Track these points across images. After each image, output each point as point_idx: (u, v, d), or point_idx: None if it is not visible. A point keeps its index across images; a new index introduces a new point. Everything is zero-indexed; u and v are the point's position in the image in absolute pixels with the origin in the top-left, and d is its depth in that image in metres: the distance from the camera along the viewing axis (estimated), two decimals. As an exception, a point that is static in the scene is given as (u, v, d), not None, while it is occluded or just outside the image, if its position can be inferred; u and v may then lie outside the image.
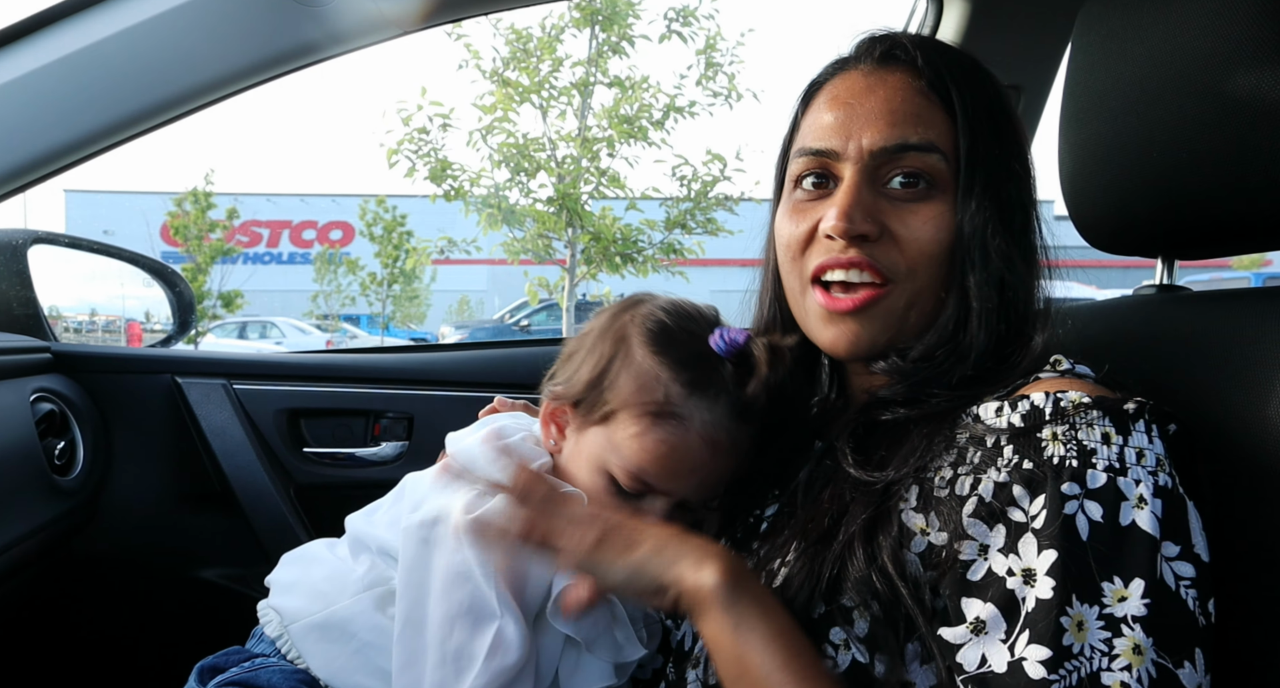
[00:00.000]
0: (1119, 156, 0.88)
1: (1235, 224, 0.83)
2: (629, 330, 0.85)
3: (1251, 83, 0.75)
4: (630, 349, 0.84)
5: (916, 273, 0.78)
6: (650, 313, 0.86)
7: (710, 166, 8.60)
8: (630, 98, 8.67)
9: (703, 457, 0.82)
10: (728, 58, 8.73)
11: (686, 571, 0.70)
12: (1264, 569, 0.71)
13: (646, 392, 0.82)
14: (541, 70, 8.41)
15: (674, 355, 0.82)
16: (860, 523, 0.72)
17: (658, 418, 0.81)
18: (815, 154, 0.81)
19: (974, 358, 0.77)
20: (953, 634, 0.65)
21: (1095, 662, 0.60)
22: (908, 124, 0.78)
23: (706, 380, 0.82)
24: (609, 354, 0.85)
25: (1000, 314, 0.78)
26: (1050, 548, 0.63)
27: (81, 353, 1.39)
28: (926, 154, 0.78)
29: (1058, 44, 1.36)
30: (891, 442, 0.76)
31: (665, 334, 0.84)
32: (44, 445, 1.19)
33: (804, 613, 0.72)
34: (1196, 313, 0.87)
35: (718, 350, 0.82)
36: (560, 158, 8.80)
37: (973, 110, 0.79)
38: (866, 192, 0.78)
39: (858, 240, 0.78)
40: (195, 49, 1.08)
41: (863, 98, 0.80)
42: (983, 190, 0.78)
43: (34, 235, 1.49)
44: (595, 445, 0.85)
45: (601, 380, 0.85)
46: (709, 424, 0.81)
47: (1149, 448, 0.66)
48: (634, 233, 8.69)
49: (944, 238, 0.78)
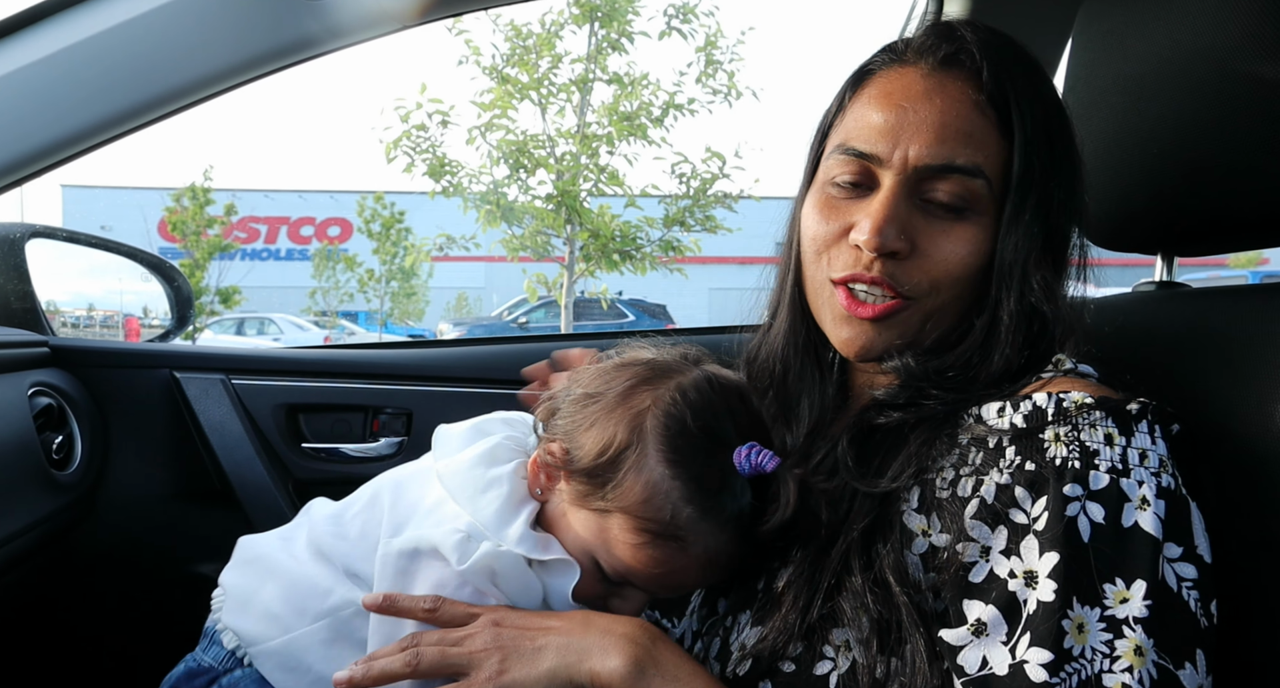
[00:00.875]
0: (1119, 153, 0.88)
1: (1236, 221, 0.83)
2: (647, 422, 0.76)
3: (1253, 79, 0.74)
4: (645, 449, 0.76)
5: (940, 292, 0.76)
6: (674, 403, 0.77)
7: (709, 164, 8.59)
8: (630, 95, 8.66)
9: (698, 576, 0.79)
10: (728, 55, 8.72)
11: (595, 662, 0.71)
12: (1266, 568, 0.71)
13: (653, 507, 0.75)
14: (541, 67, 8.40)
15: (691, 472, 0.75)
16: (858, 532, 0.72)
17: (659, 537, 0.76)
18: (858, 156, 0.77)
19: (990, 377, 0.75)
20: (953, 636, 0.65)
21: (1097, 664, 0.60)
22: (958, 142, 0.74)
23: (721, 508, 0.75)
24: (622, 443, 0.77)
25: (1028, 340, 0.75)
26: (1052, 550, 0.63)
27: (79, 347, 1.39)
28: (972, 178, 0.74)
29: (1058, 41, 1.36)
30: (890, 447, 0.75)
31: (686, 440, 0.75)
32: (42, 440, 1.18)
33: (804, 615, 0.72)
34: (1196, 309, 0.87)
35: (741, 471, 0.75)
36: (559, 155, 8.79)
37: (1032, 132, 0.75)
38: (903, 205, 0.75)
39: (887, 257, 0.75)
40: (193, 43, 1.08)
41: (918, 103, 0.75)
42: (1031, 217, 0.75)
43: (31, 229, 1.48)
44: (587, 531, 0.79)
45: (607, 471, 0.77)
46: (712, 549, 0.76)
47: (1152, 449, 0.66)
48: (633, 230, 8.68)
49: (973, 261, 0.76)
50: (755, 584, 0.80)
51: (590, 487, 0.78)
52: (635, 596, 0.81)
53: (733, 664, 0.76)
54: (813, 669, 0.72)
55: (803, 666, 0.72)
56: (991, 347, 0.75)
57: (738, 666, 0.75)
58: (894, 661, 0.68)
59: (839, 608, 0.71)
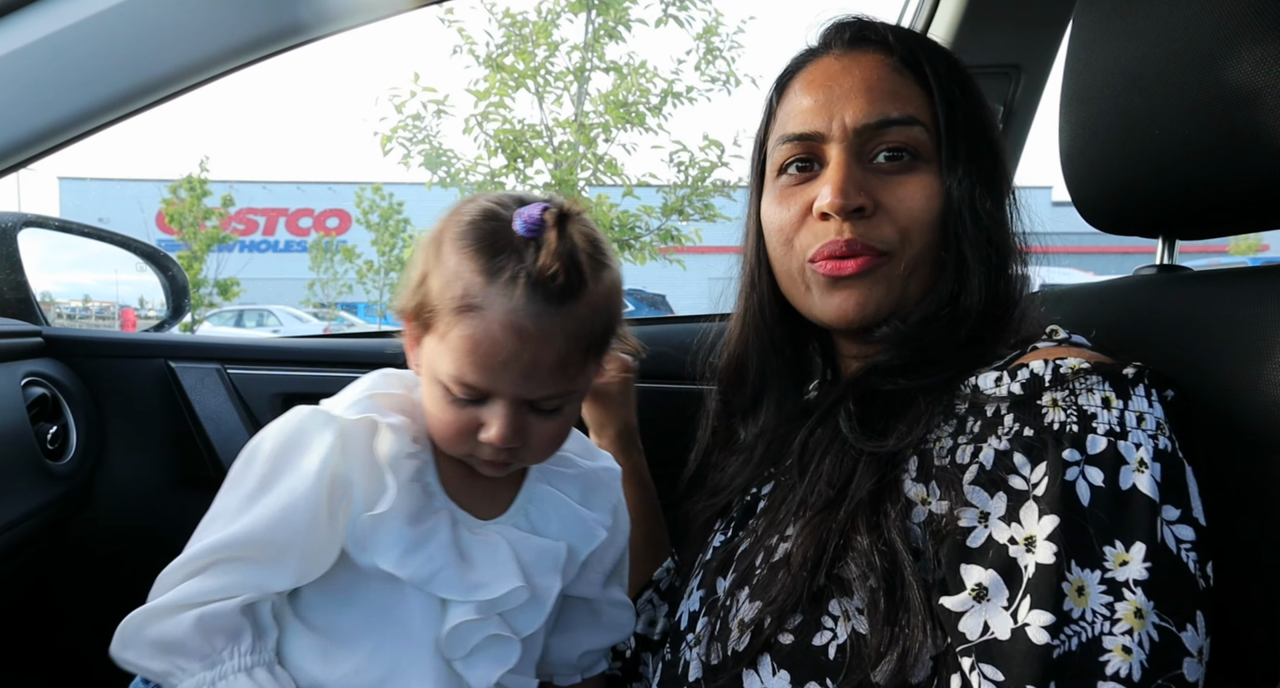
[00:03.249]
0: (1120, 135, 0.87)
1: (1238, 203, 0.82)
2: (445, 232, 0.83)
3: (1256, 58, 0.73)
4: (441, 249, 0.82)
5: (911, 241, 0.80)
6: (465, 210, 0.83)
7: (708, 152, 8.57)
8: (627, 83, 8.62)
9: (512, 347, 0.78)
10: (727, 43, 8.68)
11: None
12: (1259, 544, 0.71)
13: (449, 289, 0.79)
14: (537, 56, 8.36)
15: (474, 247, 0.79)
16: (866, 492, 0.72)
17: (459, 314, 0.78)
18: (798, 139, 0.82)
19: (974, 317, 0.78)
20: (954, 602, 0.65)
21: (1097, 626, 0.60)
22: (886, 100, 0.80)
23: (502, 266, 0.78)
24: (425, 259, 0.83)
25: (997, 271, 0.80)
26: (1051, 514, 0.63)
27: (74, 337, 1.38)
28: (909, 127, 0.80)
29: (1058, 20, 1.35)
30: (893, 411, 0.76)
31: (470, 227, 0.81)
32: (36, 430, 1.18)
33: (811, 579, 0.72)
34: (1197, 292, 0.86)
35: (522, 233, 0.78)
36: (557, 144, 8.76)
37: (946, 83, 0.82)
38: (855, 168, 0.80)
39: (853, 216, 0.79)
40: (184, 27, 1.07)
41: (839, 78, 0.82)
42: (966, 157, 0.80)
43: (24, 218, 1.47)
44: (427, 357, 0.84)
45: (420, 288, 0.83)
46: (509, 311, 0.77)
47: (1149, 412, 0.66)
48: (631, 219, 8.66)
49: (934, 205, 0.80)
50: (754, 561, 0.80)
51: (415, 312, 0.83)
52: (495, 408, 0.81)
53: (732, 642, 0.76)
54: (811, 640, 0.72)
55: (801, 637, 0.72)
56: (965, 280, 0.80)
57: (737, 642, 0.75)
58: (894, 628, 0.68)
59: (845, 572, 0.71)
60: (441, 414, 0.84)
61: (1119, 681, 0.59)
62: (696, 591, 0.89)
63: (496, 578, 0.85)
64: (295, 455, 0.83)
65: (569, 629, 1.00)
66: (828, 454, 0.78)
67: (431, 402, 0.85)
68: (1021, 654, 0.61)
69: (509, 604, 0.86)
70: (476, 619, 0.85)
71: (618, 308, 0.87)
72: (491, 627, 0.86)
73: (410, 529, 0.83)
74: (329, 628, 0.85)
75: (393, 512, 0.83)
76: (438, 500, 0.88)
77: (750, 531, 0.84)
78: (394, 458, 0.84)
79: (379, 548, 0.82)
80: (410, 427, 0.88)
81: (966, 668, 0.64)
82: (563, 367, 0.81)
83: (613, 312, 0.86)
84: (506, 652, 0.87)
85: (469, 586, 0.84)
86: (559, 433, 0.87)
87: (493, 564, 0.86)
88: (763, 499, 0.87)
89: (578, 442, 1.01)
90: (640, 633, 1.08)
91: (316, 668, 0.84)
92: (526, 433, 0.83)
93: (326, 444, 0.82)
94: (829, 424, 0.80)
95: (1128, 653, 0.59)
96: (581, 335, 0.81)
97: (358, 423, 0.84)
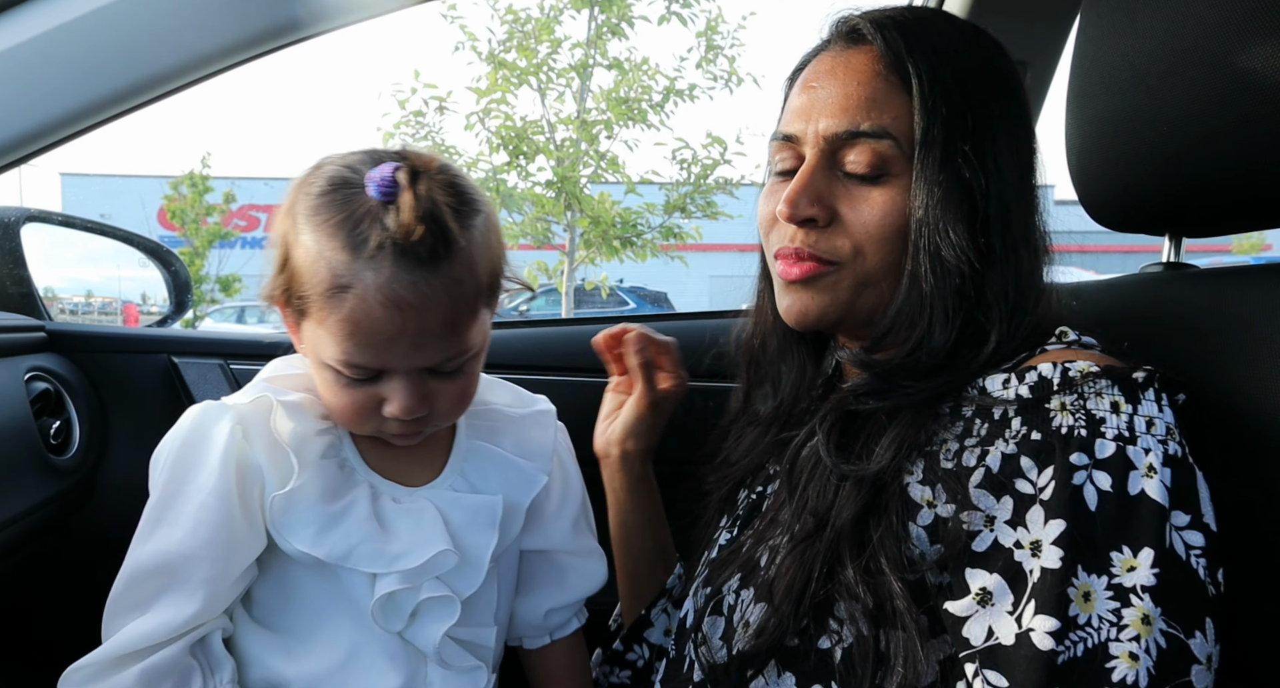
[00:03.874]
0: (1127, 132, 0.86)
1: (1246, 200, 0.82)
2: (297, 205, 0.78)
3: (1265, 54, 0.73)
4: (298, 227, 0.77)
5: (863, 256, 0.78)
6: (313, 179, 0.78)
7: (710, 150, 8.55)
8: (629, 80, 8.60)
9: (394, 321, 0.74)
10: (729, 41, 8.66)
11: None
12: (1267, 545, 0.70)
13: (314, 273, 0.75)
14: (540, 52, 8.34)
15: (331, 221, 0.74)
16: (848, 518, 0.71)
17: (331, 298, 0.74)
18: (783, 139, 0.83)
19: (932, 349, 0.74)
20: (958, 607, 0.65)
21: (1103, 632, 0.60)
22: (861, 110, 0.78)
23: (364, 238, 0.73)
24: (283, 240, 0.79)
25: (957, 302, 0.75)
26: (1058, 518, 0.63)
27: (77, 332, 1.38)
28: (877, 141, 0.78)
29: (1065, 17, 1.34)
30: (871, 431, 0.75)
31: (321, 199, 0.76)
32: (39, 425, 1.18)
33: (798, 604, 0.72)
34: (1204, 290, 0.86)
35: (377, 197, 0.74)
36: (559, 141, 8.74)
37: (930, 90, 0.76)
38: (821, 176, 0.79)
39: (805, 224, 0.79)
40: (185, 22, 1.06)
41: (825, 81, 0.81)
42: (935, 171, 0.75)
43: (26, 213, 1.47)
44: (309, 343, 0.80)
45: (284, 273, 0.78)
46: (383, 285, 0.73)
47: (1159, 416, 0.65)
48: (633, 216, 8.65)
49: (891, 222, 0.77)
50: (758, 561, 0.79)
51: (285, 299, 0.80)
52: (393, 384, 0.79)
53: (738, 644, 0.76)
54: (817, 644, 0.71)
55: (806, 642, 0.72)
56: (920, 307, 0.75)
57: (744, 644, 0.75)
58: (893, 636, 0.67)
59: (832, 595, 0.71)
60: (338, 398, 0.81)
61: (1125, 687, 0.58)
62: (702, 588, 0.89)
63: (419, 545, 0.82)
64: (197, 453, 0.80)
65: (531, 589, 0.98)
66: (812, 479, 0.77)
67: (325, 386, 0.82)
68: (1026, 660, 0.60)
69: (438, 569, 0.84)
70: (406, 588, 0.83)
71: (498, 251, 0.84)
72: (426, 592, 0.84)
73: (325, 507, 0.81)
74: (285, 626, 0.85)
75: (305, 491, 0.81)
76: (358, 474, 0.86)
77: (754, 530, 0.83)
78: (298, 437, 0.82)
79: (293, 529, 0.80)
80: (315, 404, 0.86)
81: (970, 674, 0.63)
82: (452, 328, 0.78)
83: (493, 258, 0.82)
84: (448, 611, 0.85)
85: (390, 557, 0.82)
86: (465, 391, 0.85)
87: (416, 532, 0.83)
88: (767, 497, 0.87)
89: (506, 392, 0.99)
90: (655, 643, 1.07)
91: (284, 667, 0.84)
92: (431, 399, 0.81)
93: (225, 434, 0.80)
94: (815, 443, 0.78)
95: (1134, 660, 0.59)
96: (465, 293, 0.78)
97: (254, 407, 0.82)
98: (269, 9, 1.08)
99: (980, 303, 0.75)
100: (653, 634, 1.08)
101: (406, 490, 0.87)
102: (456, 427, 0.93)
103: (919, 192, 0.76)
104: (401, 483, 0.87)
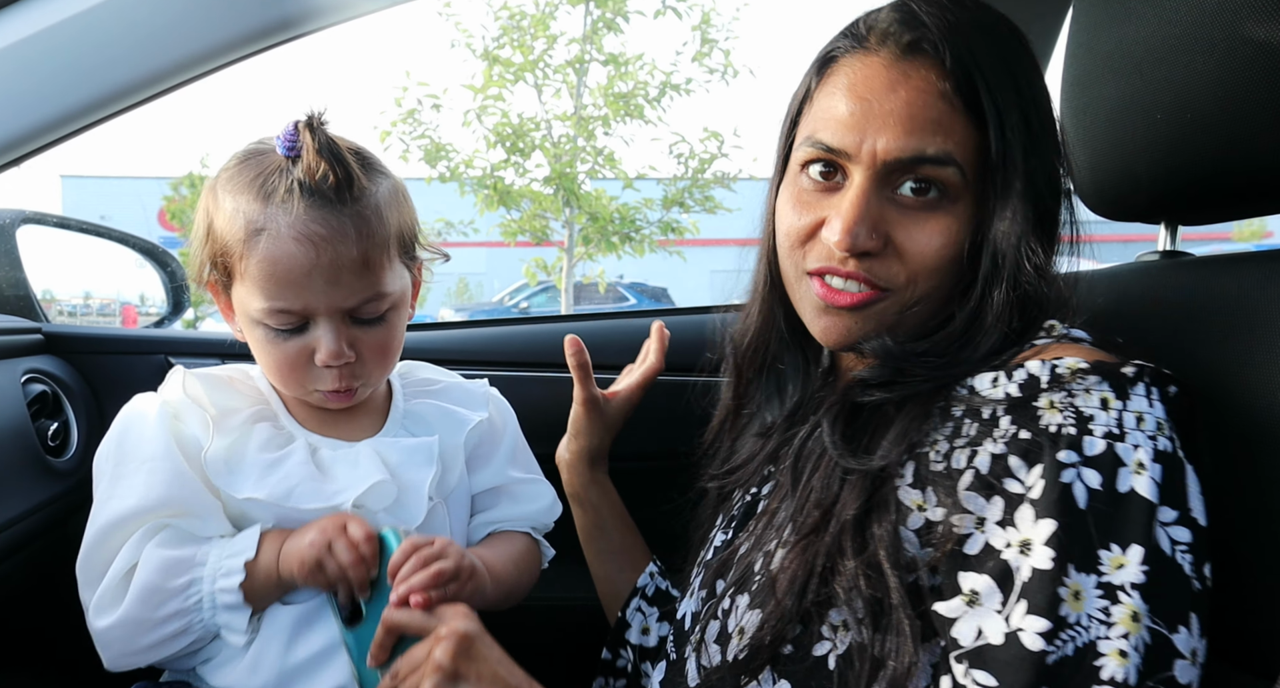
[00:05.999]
0: (1122, 120, 0.86)
1: (1241, 187, 0.82)
2: (216, 183, 0.87)
3: (1259, 40, 0.73)
4: (217, 197, 0.86)
5: (916, 284, 0.76)
6: (229, 161, 0.88)
7: (707, 144, 8.54)
8: (626, 75, 8.59)
9: (309, 255, 0.82)
10: (724, 33, 8.65)
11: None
12: (1263, 533, 0.70)
13: (233, 226, 0.83)
14: (536, 48, 8.32)
15: (245, 179, 0.84)
16: (852, 514, 0.71)
17: (249, 243, 0.82)
18: (827, 149, 0.76)
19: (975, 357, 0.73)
20: (947, 608, 0.65)
21: (1093, 631, 0.59)
22: (926, 133, 0.72)
23: (274, 186, 0.82)
24: (205, 213, 0.88)
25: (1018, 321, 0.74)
26: (1048, 517, 0.62)
27: (73, 334, 1.37)
28: (942, 167, 0.73)
29: (1060, 6, 1.34)
30: (877, 425, 0.75)
31: (239, 168, 0.86)
32: (36, 427, 1.18)
33: (799, 599, 0.71)
34: (1200, 278, 0.86)
35: (285, 152, 0.84)
36: (556, 137, 8.74)
37: (1006, 113, 0.73)
38: (874, 200, 0.74)
39: (860, 255, 0.75)
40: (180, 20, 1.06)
41: (882, 95, 0.73)
42: (1019, 199, 0.73)
43: (22, 215, 1.47)
44: (240, 307, 0.88)
45: (208, 240, 0.87)
46: (294, 222, 0.81)
47: (1149, 412, 0.65)
48: (631, 212, 8.64)
49: (949, 252, 0.74)
50: (753, 566, 0.79)
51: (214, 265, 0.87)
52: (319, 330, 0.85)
53: (733, 650, 0.76)
54: (811, 650, 0.71)
55: (801, 648, 0.72)
56: (976, 332, 0.74)
57: (739, 651, 0.75)
58: (889, 639, 0.67)
59: (833, 591, 0.70)
60: (271, 354, 0.87)
61: (1114, 685, 0.58)
62: (698, 591, 0.88)
63: (357, 482, 0.88)
64: (135, 435, 0.88)
65: (484, 509, 1.04)
66: (817, 470, 0.76)
67: (259, 347, 0.88)
68: (1016, 660, 0.60)
69: (379, 502, 0.89)
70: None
71: (408, 213, 0.92)
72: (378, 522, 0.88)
73: (262, 456, 0.88)
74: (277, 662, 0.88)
75: (241, 447, 0.87)
76: (295, 434, 0.92)
77: (750, 533, 0.82)
78: (224, 407, 0.89)
79: (234, 480, 0.86)
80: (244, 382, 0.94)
81: (960, 674, 0.63)
82: (366, 266, 0.84)
83: (403, 215, 0.90)
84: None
85: (329, 494, 0.87)
86: (387, 342, 0.90)
87: (354, 472, 0.89)
88: (762, 499, 0.86)
89: (441, 372, 1.08)
90: (635, 643, 1.08)
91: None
92: (357, 346, 0.87)
93: (156, 412, 0.88)
94: (820, 435, 0.78)
95: (1124, 657, 0.58)
96: (374, 232, 0.85)
97: (179, 386, 0.90)
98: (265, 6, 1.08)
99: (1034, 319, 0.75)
100: (631, 635, 1.08)
101: (346, 444, 0.93)
102: (394, 393, 1.01)
103: (999, 219, 0.73)
104: (344, 441, 0.93)
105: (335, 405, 0.91)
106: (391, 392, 1.01)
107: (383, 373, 0.93)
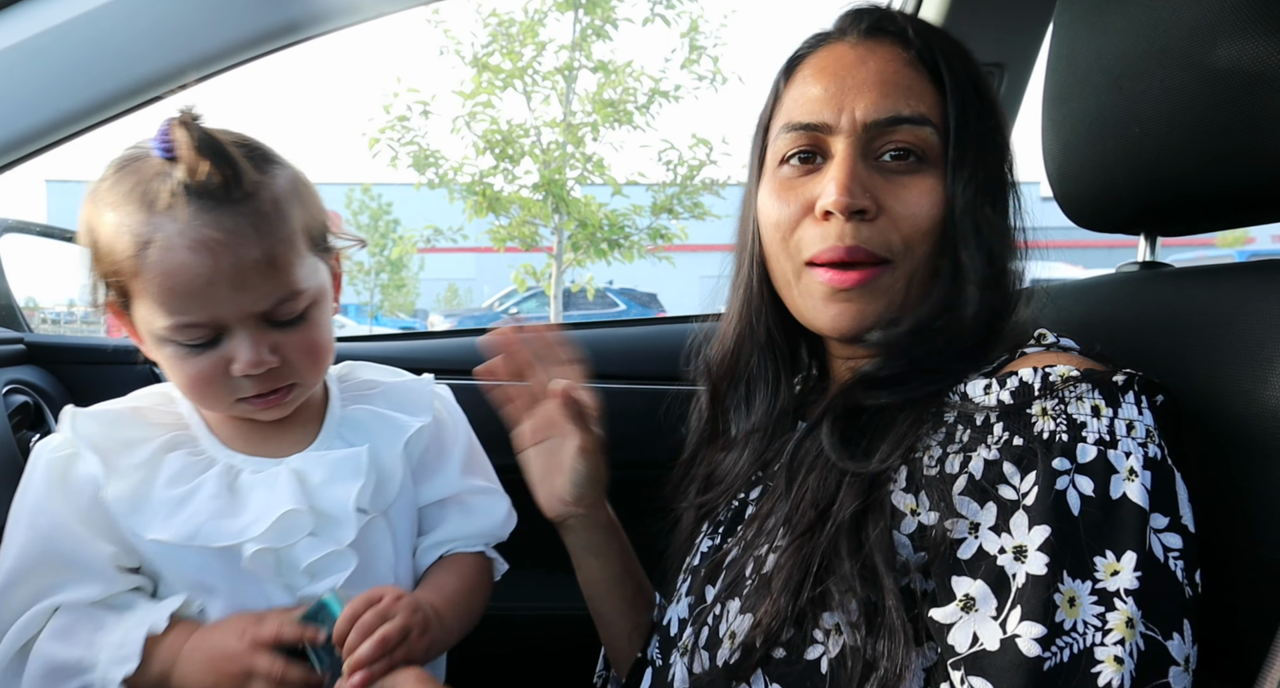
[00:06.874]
0: (1102, 132, 0.87)
1: (1218, 199, 0.83)
2: (93, 197, 0.81)
3: (1235, 54, 0.74)
4: (98, 211, 0.79)
5: (913, 249, 0.77)
6: (105, 171, 0.81)
7: (695, 151, 8.56)
8: (614, 82, 8.61)
9: (206, 263, 0.75)
10: (711, 40, 8.68)
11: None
12: (1238, 542, 0.71)
13: (119, 243, 0.77)
14: (525, 55, 8.33)
15: (123, 191, 0.77)
16: (849, 515, 0.71)
17: (140, 258, 0.75)
18: (805, 128, 0.78)
19: (969, 330, 0.75)
20: (943, 614, 0.65)
21: (1089, 637, 0.60)
22: (899, 96, 0.76)
23: (154, 194, 0.75)
24: (87, 231, 0.81)
25: (994, 285, 0.77)
26: (1042, 524, 0.62)
27: (56, 344, 1.36)
28: (919, 127, 0.76)
29: (1040, 19, 1.35)
30: (877, 427, 0.75)
31: (115, 179, 0.79)
32: (18, 439, 1.16)
33: (794, 599, 0.71)
34: (1179, 289, 0.87)
35: (161, 154, 0.77)
36: (545, 144, 8.74)
37: (961, 82, 0.78)
38: (861, 165, 0.76)
39: (855, 217, 0.75)
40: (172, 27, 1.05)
41: (853, 69, 0.78)
42: (974, 162, 0.77)
43: (4, 224, 1.46)
44: (144, 326, 0.81)
45: (97, 260, 0.80)
46: (184, 230, 0.75)
47: (1139, 419, 0.66)
48: (620, 218, 8.65)
49: (936, 212, 0.77)
50: (743, 571, 0.79)
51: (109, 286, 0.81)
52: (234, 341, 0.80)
53: (724, 654, 0.75)
54: (803, 654, 0.71)
55: (793, 651, 0.72)
56: (961, 292, 0.76)
57: (730, 655, 0.75)
58: (881, 642, 0.67)
59: (828, 592, 0.70)
60: (185, 372, 0.81)
61: None
62: (685, 597, 0.88)
63: (268, 512, 0.83)
64: (26, 488, 0.84)
65: (432, 528, 0.99)
66: (813, 470, 0.76)
67: (171, 366, 0.82)
68: (1012, 667, 0.60)
69: (295, 530, 0.84)
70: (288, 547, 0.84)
71: (312, 201, 0.85)
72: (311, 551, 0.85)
73: (169, 492, 0.83)
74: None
75: (147, 484, 0.82)
76: (214, 457, 0.87)
77: (739, 538, 0.82)
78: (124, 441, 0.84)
79: (142, 521, 0.82)
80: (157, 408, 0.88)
81: (956, 681, 0.63)
82: (272, 266, 0.78)
83: (307, 205, 0.84)
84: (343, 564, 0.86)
85: (236, 531, 0.82)
86: (314, 342, 0.85)
87: (268, 499, 0.84)
88: (751, 505, 0.86)
89: (388, 371, 1.02)
90: None
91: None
92: (281, 351, 0.81)
93: (44, 461, 0.83)
94: (817, 436, 0.77)
95: (1119, 663, 0.59)
96: (276, 229, 0.78)
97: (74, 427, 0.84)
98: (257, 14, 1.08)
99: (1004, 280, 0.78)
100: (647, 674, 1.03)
101: (270, 462, 0.87)
102: (330, 397, 0.94)
103: (959, 178, 0.76)
104: (271, 458, 0.88)
105: (268, 415, 0.86)
106: (328, 398, 0.95)
107: (316, 374, 0.88)
